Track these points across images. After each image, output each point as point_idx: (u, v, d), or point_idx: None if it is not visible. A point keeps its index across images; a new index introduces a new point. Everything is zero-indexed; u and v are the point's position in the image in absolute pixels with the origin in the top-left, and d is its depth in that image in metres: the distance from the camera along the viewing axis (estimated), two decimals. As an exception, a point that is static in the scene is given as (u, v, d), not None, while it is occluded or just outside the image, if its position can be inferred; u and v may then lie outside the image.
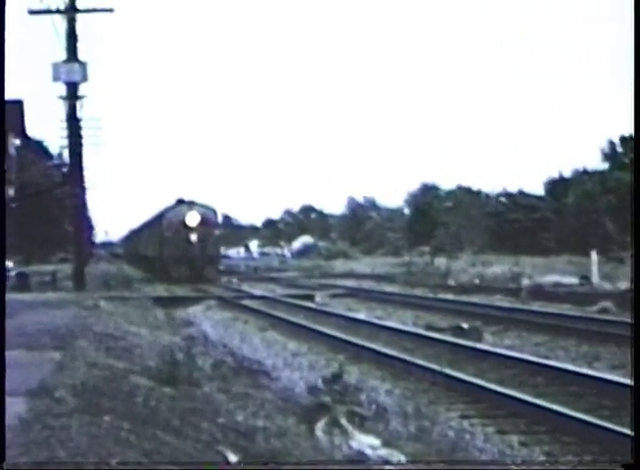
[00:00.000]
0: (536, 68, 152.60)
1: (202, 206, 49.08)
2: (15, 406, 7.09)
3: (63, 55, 30.92)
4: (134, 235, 75.11)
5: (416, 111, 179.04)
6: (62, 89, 32.02)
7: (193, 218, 47.75)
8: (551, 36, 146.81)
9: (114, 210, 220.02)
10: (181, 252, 46.55)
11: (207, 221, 48.39)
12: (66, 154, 40.35)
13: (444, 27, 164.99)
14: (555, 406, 10.03)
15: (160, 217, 50.47)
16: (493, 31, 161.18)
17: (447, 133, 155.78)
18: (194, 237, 47.14)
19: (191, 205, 48.71)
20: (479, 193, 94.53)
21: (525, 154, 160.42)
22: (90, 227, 79.66)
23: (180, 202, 49.20)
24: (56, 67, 30.67)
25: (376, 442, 7.99)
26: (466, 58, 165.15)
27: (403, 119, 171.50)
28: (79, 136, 36.39)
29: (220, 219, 53.29)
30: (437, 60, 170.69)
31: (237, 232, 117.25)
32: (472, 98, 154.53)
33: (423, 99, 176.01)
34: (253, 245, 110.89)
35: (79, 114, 33.70)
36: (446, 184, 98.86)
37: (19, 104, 49.03)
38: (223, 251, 69.66)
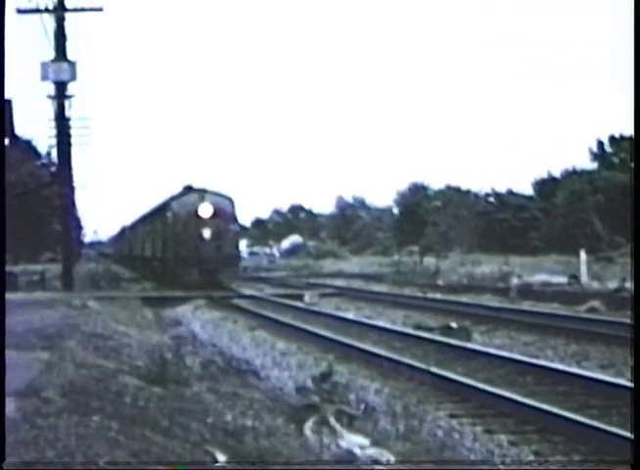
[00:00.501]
0: (532, 68, 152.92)
1: (216, 194, 39.82)
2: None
3: (51, 54, 30.96)
4: (128, 232, 64.94)
5: (406, 110, 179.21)
6: (50, 88, 32.09)
7: (206, 209, 38.63)
8: (550, 36, 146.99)
9: (103, 209, 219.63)
10: (192, 251, 37.57)
11: (223, 213, 39.05)
12: (54, 153, 40.43)
13: (441, 26, 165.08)
14: (544, 406, 10.04)
15: (163, 209, 41.00)
16: (493, 31, 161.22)
17: (437, 133, 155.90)
18: (207, 233, 38.11)
19: (202, 192, 39.43)
20: (467, 193, 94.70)
21: (514, 154, 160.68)
22: (79, 227, 79.47)
23: (188, 189, 39.99)
24: (44, 66, 30.69)
25: (365, 441, 7.98)
26: (457, 57, 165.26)
27: (393, 119, 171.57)
28: (68, 135, 36.45)
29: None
30: (429, 59, 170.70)
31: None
32: (462, 98, 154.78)
33: (413, 98, 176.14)
34: (242, 244, 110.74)
35: (68, 113, 33.86)
36: (435, 184, 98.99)
37: (7, 103, 48.99)
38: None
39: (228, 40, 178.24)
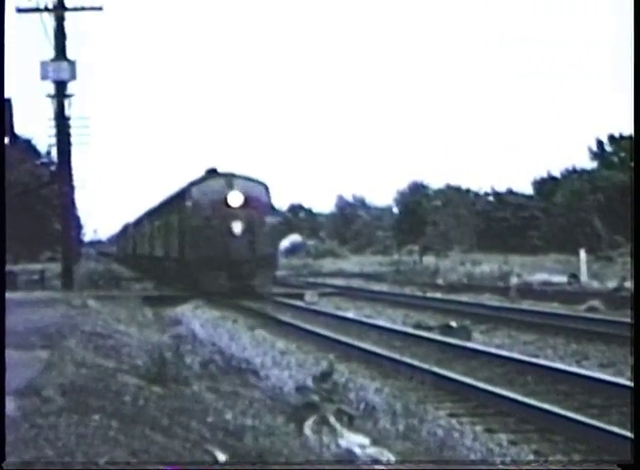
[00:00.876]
0: (532, 67, 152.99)
1: (246, 178, 32.44)
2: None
3: (51, 53, 30.96)
4: (132, 229, 57.71)
5: (406, 109, 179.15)
6: (50, 87, 32.10)
7: (235, 197, 31.29)
8: (550, 36, 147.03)
9: (103, 208, 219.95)
10: (218, 250, 30.65)
11: (257, 202, 31.84)
12: (54, 152, 40.49)
13: (442, 26, 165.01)
14: (544, 405, 10.04)
15: (180, 197, 33.43)
16: (493, 31, 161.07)
17: (437, 132, 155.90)
18: (238, 227, 30.93)
19: (230, 177, 32.13)
20: (467, 192, 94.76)
21: (513, 153, 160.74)
22: (79, 226, 79.56)
23: (212, 173, 32.72)
24: (44, 65, 30.68)
25: (365, 440, 7.98)
26: (457, 57, 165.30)
27: (393, 118, 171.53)
28: (68, 135, 36.45)
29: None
30: (429, 58, 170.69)
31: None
32: (462, 97, 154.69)
33: (413, 97, 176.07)
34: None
35: (68, 112, 33.85)
36: (435, 183, 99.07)
37: (7, 102, 49.02)
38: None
39: (225, 40, 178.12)
